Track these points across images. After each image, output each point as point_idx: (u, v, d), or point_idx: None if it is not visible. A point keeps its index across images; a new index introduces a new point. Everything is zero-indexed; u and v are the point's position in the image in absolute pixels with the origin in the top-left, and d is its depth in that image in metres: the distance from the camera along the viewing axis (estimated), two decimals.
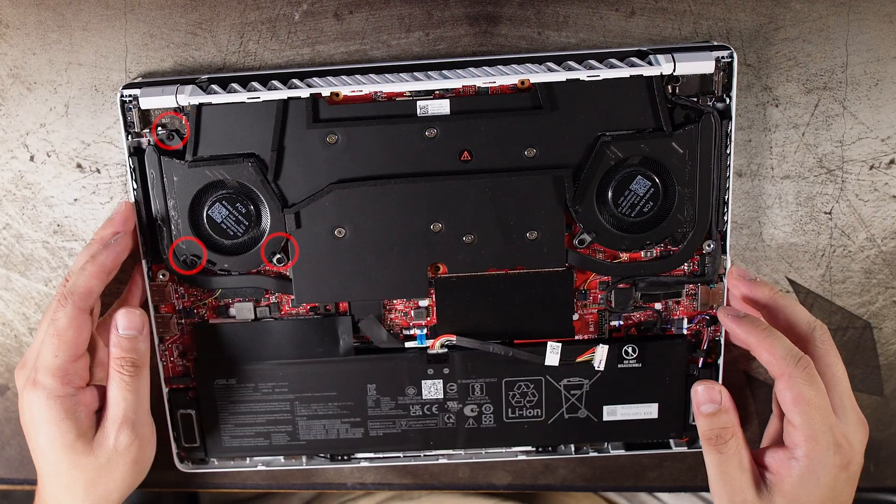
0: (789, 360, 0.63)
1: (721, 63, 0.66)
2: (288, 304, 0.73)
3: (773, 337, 0.64)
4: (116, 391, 0.67)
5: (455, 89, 0.67)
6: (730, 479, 0.66)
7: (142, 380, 0.69)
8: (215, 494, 0.95)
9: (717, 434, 0.66)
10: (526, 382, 0.74)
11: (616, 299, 0.73)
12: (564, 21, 0.70)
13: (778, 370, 0.63)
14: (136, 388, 0.68)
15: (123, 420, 0.67)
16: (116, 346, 0.68)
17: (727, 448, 0.66)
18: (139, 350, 0.68)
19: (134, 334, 0.68)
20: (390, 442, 0.76)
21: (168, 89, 0.66)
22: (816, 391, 0.62)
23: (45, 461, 0.68)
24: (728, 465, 0.66)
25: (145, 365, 0.69)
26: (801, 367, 0.62)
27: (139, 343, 0.68)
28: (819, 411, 0.62)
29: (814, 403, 0.62)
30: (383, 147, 0.67)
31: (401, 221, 0.69)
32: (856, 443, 0.65)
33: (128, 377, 0.67)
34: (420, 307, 0.73)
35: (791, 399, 0.63)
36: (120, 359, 0.67)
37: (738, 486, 0.66)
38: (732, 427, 0.66)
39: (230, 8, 0.70)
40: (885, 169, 0.72)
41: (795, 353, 0.63)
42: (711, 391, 0.67)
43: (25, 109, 0.72)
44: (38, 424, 0.67)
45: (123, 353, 0.67)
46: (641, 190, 0.68)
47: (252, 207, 0.68)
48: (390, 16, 0.70)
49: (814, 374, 0.63)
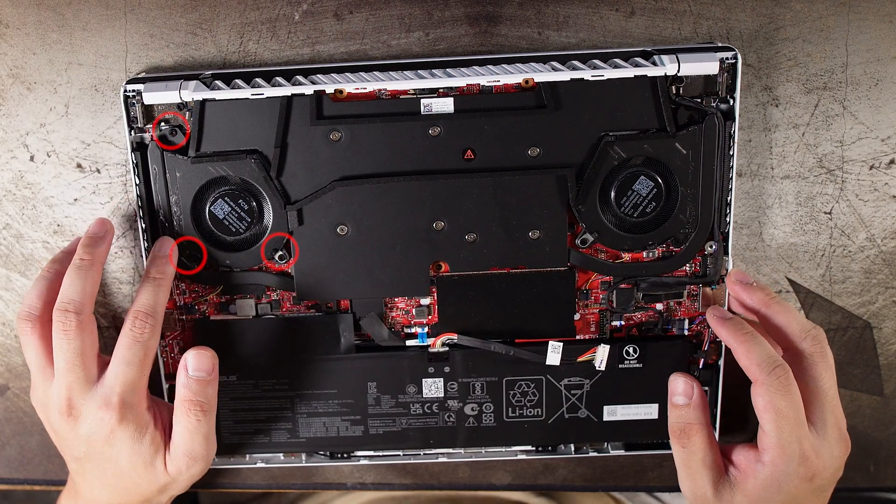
0: (765, 367, 0.63)
1: (725, 64, 0.67)
2: (289, 301, 0.73)
3: (753, 342, 0.64)
4: (186, 431, 0.67)
5: (459, 88, 0.67)
6: (692, 473, 0.67)
7: (210, 420, 0.68)
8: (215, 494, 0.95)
9: (682, 428, 0.67)
10: (526, 382, 0.74)
11: (617, 299, 0.73)
12: (564, 21, 0.70)
13: (753, 376, 0.64)
14: (203, 429, 0.68)
15: (192, 455, 0.68)
16: (186, 388, 0.67)
17: (691, 444, 0.67)
18: (208, 393, 0.68)
19: (204, 376, 0.68)
20: (390, 440, 0.76)
21: (171, 85, 0.66)
22: (788, 401, 0.62)
23: (120, 480, 0.69)
24: (691, 460, 0.67)
25: (213, 408, 0.69)
26: (775, 376, 0.62)
27: (208, 386, 0.68)
28: (788, 421, 0.63)
29: (783, 413, 0.62)
30: (386, 145, 0.67)
31: (403, 219, 0.69)
32: (827, 457, 0.65)
33: (195, 421, 0.67)
34: (421, 305, 0.73)
35: (762, 406, 0.63)
36: (188, 402, 0.67)
37: (698, 481, 0.67)
38: (698, 425, 0.67)
39: (230, 8, 0.70)
40: (885, 169, 0.72)
41: (773, 360, 0.63)
42: (686, 385, 0.68)
43: (25, 109, 0.72)
44: (123, 444, 0.67)
45: (193, 395, 0.67)
46: (644, 190, 0.68)
47: (254, 204, 0.68)
48: (390, 16, 0.70)
49: (788, 384, 0.62)
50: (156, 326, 0.67)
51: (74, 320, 0.65)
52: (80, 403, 0.66)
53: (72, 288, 0.66)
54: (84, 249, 0.68)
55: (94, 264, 0.68)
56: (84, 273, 0.67)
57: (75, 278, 0.67)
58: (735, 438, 0.81)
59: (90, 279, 0.67)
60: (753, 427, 0.80)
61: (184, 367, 0.68)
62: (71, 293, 0.66)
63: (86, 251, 0.68)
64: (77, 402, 0.66)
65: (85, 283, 0.67)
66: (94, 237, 0.69)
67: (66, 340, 0.65)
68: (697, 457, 0.67)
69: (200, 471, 0.69)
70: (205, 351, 0.68)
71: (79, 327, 0.65)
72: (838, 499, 0.70)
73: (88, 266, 0.67)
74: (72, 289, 0.66)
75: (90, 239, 0.69)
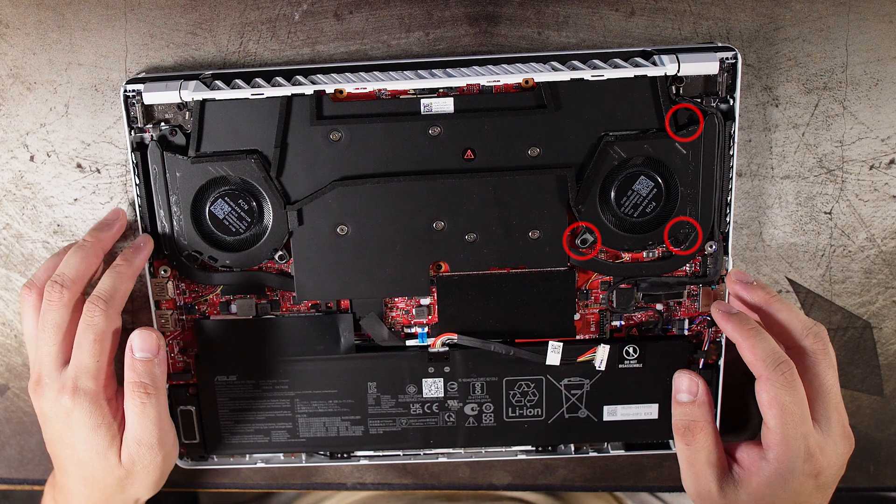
0: (769, 363, 0.62)
1: (725, 64, 0.67)
2: (289, 301, 0.73)
3: (758, 337, 0.64)
4: (133, 415, 0.67)
5: (459, 88, 0.67)
6: (696, 471, 0.67)
7: (158, 402, 0.67)
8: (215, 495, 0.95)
9: (687, 426, 0.67)
10: (527, 382, 0.74)
11: (617, 299, 0.73)
12: (564, 21, 0.70)
13: (758, 371, 0.63)
14: (151, 412, 0.67)
15: (141, 442, 0.67)
16: (131, 370, 0.67)
17: (695, 441, 0.66)
18: (154, 374, 0.67)
19: (148, 357, 0.67)
20: (390, 440, 0.76)
21: (171, 85, 0.66)
22: (793, 397, 0.62)
23: (81, 469, 0.69)
24: (695, 458, 0.67)
25: (161, 389, 0.68)
26: (779, 372, 0.62)
27: (154, 367, 0.67)
28: (793, 417, 0.62)
29: (788, 409, 0.62)
30: (386, 145, 0.68)
31: (403, 219, 0.69)
32: (832, 454, 0.64)
33: (140, 403, 0.66)
34: (421, 305, 0.73)
35: (767, 402, 0.63)
36: (134, 383, 0.67)
37: (703, 479, 0.66)
38: (703, 422, 0.66)
39: (230, 8, 0.70)
40: (885, 169, 0.72)
41: (777, 356, 0.63)
42: (690, 382, 0.68)
43: (25, 109, 0.72)
44: (78, 430, 0.67)
45: (137, 377, 0.67)
46: (644, 190, 0.68)
47: (254, 204, 0.68)
48: (390, 16, 0.70)
49: (793, 380, 0.62)
50: (108, 311, 0.66)
51: (60, 294, 0.66)
52: (46, 382, 0.67)
53: (66, 264, 0.67)
54: (91, 232, 0.70)
55: (95, 247, 0.69)
56: (83, 253, 0.68)
57: (72, 256, 0.68)
58: (736, 438, 0.81)
59: (87, 260, 0.68)
60: (754, 427, 0.80)
61: (129, 349, 0.67)
62: (64, 268, 0.67)
63: (92, 234, 0.70)
64: (44, 379, 0.67)
65: (80, 262, 0.67)
66: (104, 223, 0.71)
67: (48, 311, 0.66)
68: (702, 454, 0.66)
69: (153, 462, 0.69)
70: (150, 331, 0.67)
71: (63, 302, 0.66)
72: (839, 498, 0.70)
73: (89, 247, 0.68)
74: (66, 265, 0.67)
75: (100, 224, 0.72)
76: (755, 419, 0.80)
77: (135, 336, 0.67)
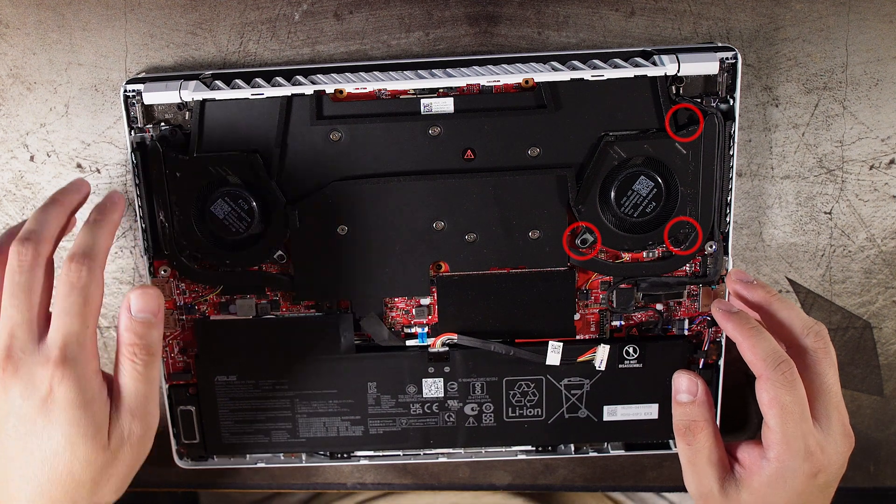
0: (769, 363, 0.62)
1: (725, 64, 0.67)
2: (289, 301, 0.73)
3: (758, 336, 0.64)
4: (129, 381, 0.61)
5: (459, 87, 0.67)
6: (697, 471, 0.67)
7: (155, 368, 0.62)
8: (215, 495, 0.95)
9: (687, 426, 0.67)
10: (527, 382, 0.74)
11: (617, 299, 0.73)
12: (564, 21, 0.70)
13: (758, 371, 0.63)
14: (149, 377, 0.61)
15: (136, 412, 0.61)
16: (129, 331, 0.61)
17: (696, 441, 0.66)
18: (153, 336, 0.61)
19: (149, 318, 0.61)
20: (390, 440, 0.76)
21: (171, 85, 0.66)
22: (793, 397, 0.62)
23: (45, 472, 0.59)
24: (696, 458, 0.67)
25: (159, 352, 0.63)
26: (780, 371, 0.62)
27: (153, 329, 0.62)
28: (793, 417, 0.62)
29: (788, 408, 0.62)
30: (386, 145, 0.68)
31: (403, 219, 0.69)
32: (832, 453, 0.64)
33: (141, 366, 0.61)
34: (421, 305, 0.73)
35: (767, 401, 0.63)
36: (133, 345, 0.61)
37: (704, 479, 0.66)
38: (703, 422, 0.67)
39: (230, 8, 0.70)
40: (885, 169, 0.72)
41: (778, 355, 0.63)
42: (690, 382, 0.68)
43: (25, 109, 0.72)
44: (60, 413, 0.58)
45: (137, 339, 0.61)
46: (644, 190, 0.68)
47: (254, 204, 0.68)
48: (390, 16, 0.70)
49: (793, 379, 0.62)
50: (94, 270, 0.59)
51: (34, 252, 0.59)
52: (19, 355, 0.58)
53: (35, 221, 0.60)
54: (58, 192, 0.64)
55: (65, 205, 0.63)
56: (55, 210, 0.62)
57: (41, 213, 0.61)
58: (736, 438, 0.80)
59: (58, 219, 0.62)
60: (754, 427, 0.80)
61: (126, 308, 0.61)
62: (34, 225, 0.60)
63: (59, 193, 0.63)
64: (16, 352, 0.58)
65: (52, 219, 0.61)
66: (72, 186, 0.65)
67: (18, 274, 0.58)
68: (703, 454, 0.66)
69: (143, 438, 0.62)
70: (149, 290, 0.62)
71: (38, 261, 0.59)
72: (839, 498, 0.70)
73: (58, 205, 0.62)
74: (35, 222, 0.60)
75: (67, 186, 0.64)
76: (755, 419, 0.80)
77: (133, 295, 0.61)
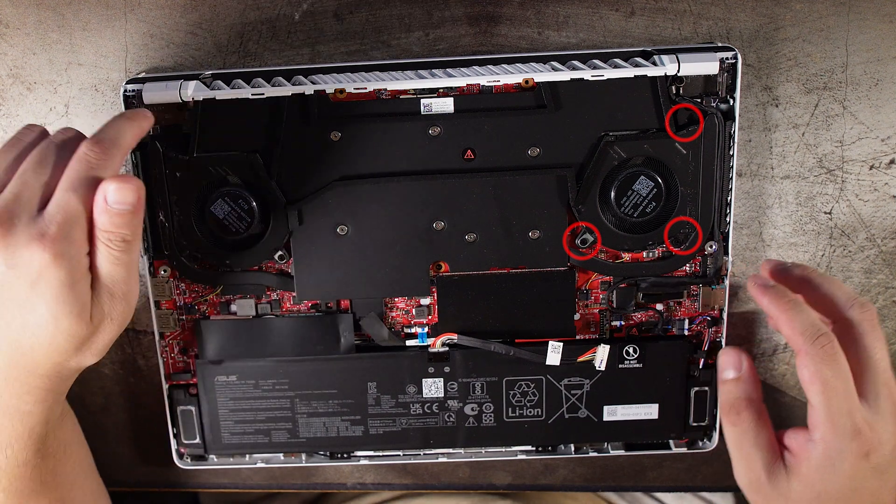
0: (808, 336, 0.59)
1: (725, 64, 0.67)
2: (289, 301, 0.73)
3: (796, 310, 0.61)
4: (106, 265, 0.58)
5: (459, 88, 0.67)
6: (743, 455, 0.63)
7: (133, 251, 0.59)
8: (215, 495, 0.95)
9: (732, 404, 0.63)
10: (527, 382, 0.74)
11: (617, 299, 0.73)
12: (564, 21, 0.70)
13: (796, 346, 0.60)
14: (126, 261, 0.59)
15: (114, 292, 0.59)
16: (104, 215, 0.57)
17: (740, 420, 0.63)
18: (132, 225, 0.58)
19: (127, 209, 0.57)
20: (390, 440, 0.76)
21: (171, 85, 0.66)
22: (835, 371, 0.58)
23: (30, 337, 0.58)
24: (741, 440, 0.63)
25: (137, 238, 0.60)
26: (818, 345, 0.58)
27: (133, 218, 0.58)
28: (837, 393, 0.58)
29: (830, 383, 0.58)
30: (386, 144, 0.68)
31: (403, 219, 0.69)
32: (882, 432, 0.60)
33: (117, 252, 0.58)
34: (422, 305, 0.73)
35: (807, 377, 0.59)
36: (108, 233, 0.57)
37: (751, 464, 0.63)
38: (747, 400, 0.63)
39: (230, 8, 0.70)
40: (885, 169, 0.72)
41: (816, 328, 0.59)
42: (735, 358, 0.65)
43: (25, 109, 0.72)
44: (47, 289, 0.56)
45: (112, 227, 0.57)
46: (644, 190, 0.68)
47: (254, 204, 0.68)
48: (390, 16, 0.70)
49: (834, 353, 0.58)
50: (112, 158, 0.58)
51: (99, 153, 0.58)
52: (17, 224, 0.56)
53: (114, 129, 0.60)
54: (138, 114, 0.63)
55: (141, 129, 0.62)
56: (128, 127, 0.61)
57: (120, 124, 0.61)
58: None
59: (133, 136, 0.61)
60: None
61: (102, 196, 0.57)
62: (113, 133, 0.60)
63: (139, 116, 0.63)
64: (16, 220, 0.56)
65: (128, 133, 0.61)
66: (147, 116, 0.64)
67: (77, 164, 0.58)
68: (749, 435, 0.62)
69: (122, 315, 0.60)
70: (129, 183, 0.57)
71: (98, 164, 0.58)
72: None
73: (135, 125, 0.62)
74: (114, 130, 0.60)
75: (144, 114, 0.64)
76: None
77: (111, 187, 0.57)
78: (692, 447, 0.78)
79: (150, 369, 0.78)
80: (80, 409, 0.80)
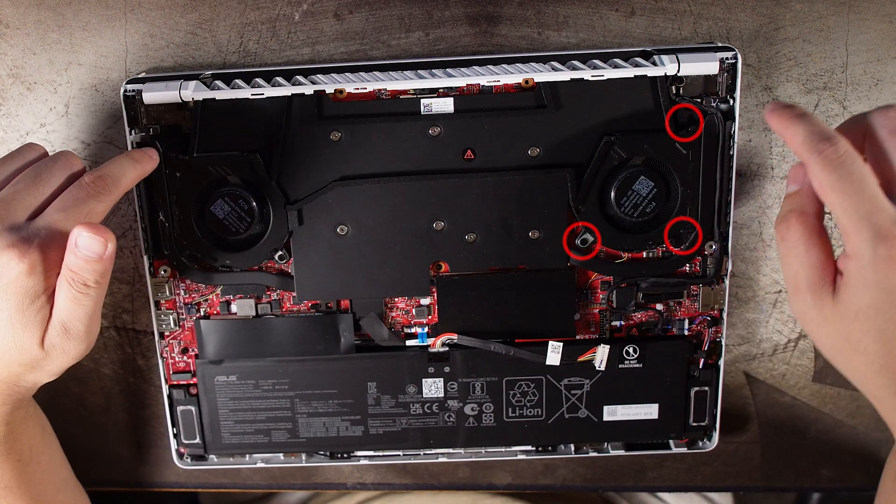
0: (809, 145, 0.54)
1: (725, 64, 0.67)
2: (289, 301, 0.73)
3: (798, 121, 0.55)
4: (66, 301, 0.60)
5: (459, 88, 0.67)
6: (792, 274, 0.57)
7: (92, 297, 0.60)
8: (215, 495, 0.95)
9: (784, 217, 0.58)
10: (527, 382, 0.74)
11: (617, 299, 0.73)
12: (564, 21, 0.70)
13: (802, 157, 0.55)
14: (83, 302, 0.60)
15: (69, 331, 0.61)
16: (73, 260, 0.59)
17: (790, 234, 0.57)
18: (96, 272, 0.59)
19: (94, 257, 0.59)
20: (390, 440, 0.76)
21: (171, 85, 0.66)
22: (840, 173, 0.52)
23: None
24: (790, 255, 0.57)
25: (102, 284, 0.61)
26: (818, 151, 0.53)
27: (98, 264, 0.59)
28: (848, 196, 0.52)
29: (838, 188, 0.52)
30: (386, 145, 0.68)
31: (403, 219, 0.69)
32: None
33: (76, 293, 0.59)
34: (422, 305, 0.73)
35: (816, 188, 0.54)
36: (72, 272, 0.59)
37: (797, 284, 0.57)
38: (798, 212, 0.57)
39: (230, 8, 0.70)
40: None
41: (818, 136, 0.54)
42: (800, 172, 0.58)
43: (25, 109, 0.72)
44: (9, 296, 0.58)
45: (77, 269, 0.59)
46: (644, 190, 0.68)
47: (254, 204, 0.68)
48: (390, 16, 0.70)
49: (839, 154, 0.53)
50: (108, 193, 0.61)
51: (103, 187, 0.61)
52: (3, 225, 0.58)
53: (118, 167, 0.64)
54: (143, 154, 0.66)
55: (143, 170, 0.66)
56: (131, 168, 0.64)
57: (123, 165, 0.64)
58: (735, 439, 0.81)
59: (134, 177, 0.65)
60: (753, 428, 0.80)
61: (73, 241, 0.58)
62: (115, 170, 0.63)
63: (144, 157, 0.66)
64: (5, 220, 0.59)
65: (129, 174, 0.64)
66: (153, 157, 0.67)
67: (79, 187, 0.61)
68: (797, 251, 0.56)
69: (73, 351, 0.61)
70: (100, 235, 0.58)
71: (97, 192, 0.61)
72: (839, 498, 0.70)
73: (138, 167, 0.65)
74: (118, 167, 0.63)
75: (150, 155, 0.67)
76: (755, 419, 0.80)
77: (81, 235, 0.58)
78: (692, 447, 0.78)
79: (150, 369, 0.78)
80: (80, 409, 0.80)
